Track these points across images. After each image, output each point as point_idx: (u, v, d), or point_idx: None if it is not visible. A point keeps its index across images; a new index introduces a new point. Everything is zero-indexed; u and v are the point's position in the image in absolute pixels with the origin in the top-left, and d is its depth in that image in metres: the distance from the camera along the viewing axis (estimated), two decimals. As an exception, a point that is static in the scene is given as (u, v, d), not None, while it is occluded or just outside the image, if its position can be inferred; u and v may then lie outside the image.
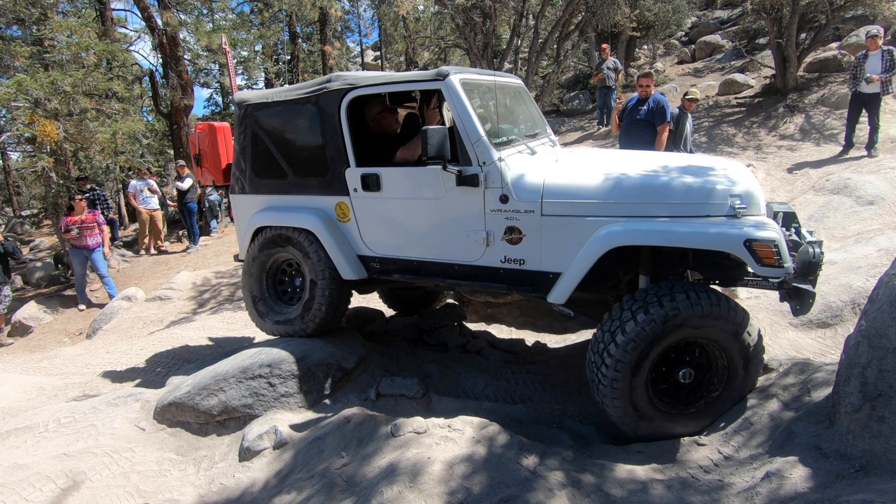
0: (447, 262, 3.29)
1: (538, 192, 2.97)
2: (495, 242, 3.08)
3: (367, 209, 3.47)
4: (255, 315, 4.02)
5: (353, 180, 3.44)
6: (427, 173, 3.21)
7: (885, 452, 1.99)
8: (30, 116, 8.44)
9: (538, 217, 2.96)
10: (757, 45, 13.91)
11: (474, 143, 3.04)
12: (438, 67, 3.19)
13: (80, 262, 8.45)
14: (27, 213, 19.11)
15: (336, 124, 3.43)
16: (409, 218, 3.35)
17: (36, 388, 4.97)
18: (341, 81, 3.42)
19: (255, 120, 3.78)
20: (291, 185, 3.73)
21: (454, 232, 3.20)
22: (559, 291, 2.90)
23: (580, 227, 2.87)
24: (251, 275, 3.97)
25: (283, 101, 3.66)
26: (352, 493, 2.60)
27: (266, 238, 3.81)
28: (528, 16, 10.69)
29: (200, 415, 3.56)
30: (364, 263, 3.59)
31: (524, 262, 3.05)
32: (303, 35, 18.84)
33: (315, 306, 3.69)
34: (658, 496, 2.27)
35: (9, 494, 2.96)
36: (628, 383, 2.66)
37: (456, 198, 3.14)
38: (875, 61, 7.46)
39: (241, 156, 3.89)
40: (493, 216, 3.06)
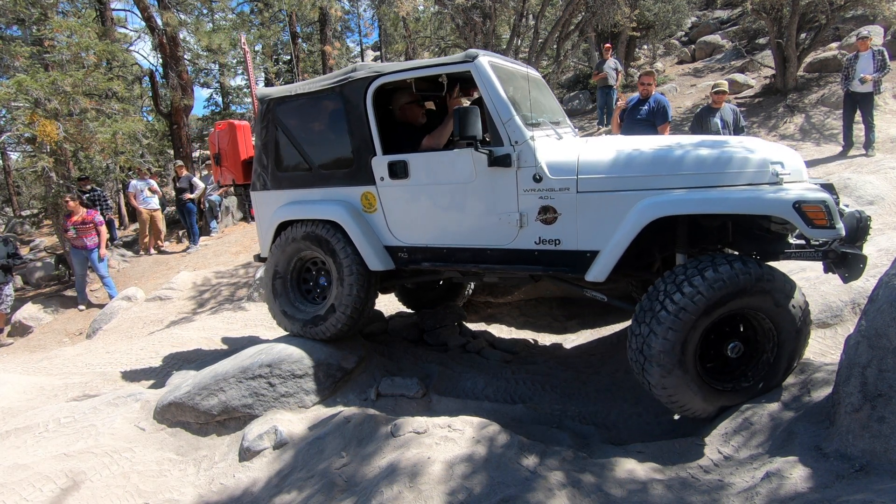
0: (479, 246, 3.24)
1: (573, 169, 2.93)
2: (529, 223, 3.04)
3: (394, 197, 3.43)
4: (278, 314, 3.94)
5: (380, 169, 3.40)
6: (456, 157, 3.18)
7: (885, 452, 1.99)
8: (30, 116, 8.43)
9: (574, 195, 2.92)
10: (757, 45, 13.90)
11: (506, 122, 3.02)
12: (467, 51, 3.19)
13: (80, 263, 8.45)
14: (27, 213, 19.11)
15: (362, 113, 3.41)
16: (439, 204, 3.31)
17: (36, 388, 4.96)
18: (367, 70, 3.41)
19: (278, 114, 3.76)
20: (315, 177, 3.69)
21: (486, 215, 3.16)
22: (599, 269, 2.85)
23: (618, 201, 2.82)
24: (275, 273, 3.90)
25: (306, 93, 3.64)
26: (352, 492, 2.60)
27: (290, 236, 3.76)
28: (528, 16, 10.69)
29: (200, 415, 3.56)
30: (391, 254, 3.53)
31: (560, 242, 3.01)
32: (303, 35, 18.84)
33: (342, 305, 3.62)
34: (658, 496, 2.27)
35: (9, 494, 2.96)
36: (677, 360, 2.58)
37: (487, 180, 3.10)
38: (866, 62, 7.54)
39: (264, 151, 3.85)
40: (526, 197, 3.02)
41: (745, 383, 2.77)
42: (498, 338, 4.84)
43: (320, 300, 3.88)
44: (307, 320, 3.77)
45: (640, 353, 2.69)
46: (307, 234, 3.69)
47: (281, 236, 3.83)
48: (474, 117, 2.88)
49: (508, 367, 4.08)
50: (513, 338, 4.90)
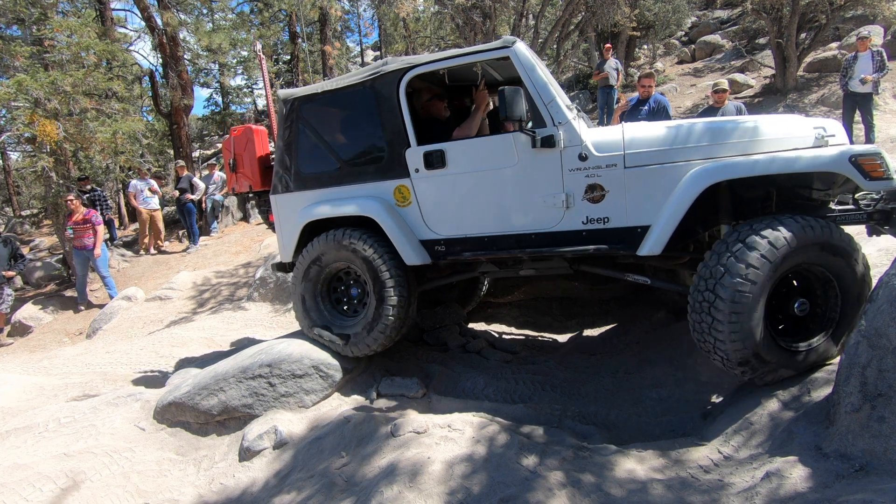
0: (523, 232, 3.19)
1: (619, 144, 2.94)
2: (575, 203, 3.03)
3: (430, 188, 3.37)
4: (308, 327, 3.76)
5: (415, 160, 3.36)
6: (497, 141, 3.18)
7: (885, 452, 1.99)
8: (30, 116, 8.43)
9: (621, 170, 2.93)
10: (757, 45, 13.90)
11: (548, 103, 3.04)
12: (504, 37, 3.20)
13: (81, 263, 8.45)
14: (27, 213, 19.10)
15: (394, 105, 3.39)
16: (479, 191, 3.25)
17: (36, 388, 4.96)
18: (399, 62, 3.40)
19: (303, 114, 3.71)
20: (344, 174, 3.62)
21: (529, 198, 3.13)
22: (654, 242, 2.83)
23: (667, 174, 2.85)
24: (305, 280, 3.71)
25: (332, 90, 3.60)
26: (352, 492, 2.60)
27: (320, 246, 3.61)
28: (528, 16, 10.68)
29: (200, 415, 3.56)
30: (426, 248, 3.44)
31: (608, 220, 3.00)
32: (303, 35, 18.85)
33: (383, 316, 3.45)
34: (658, 496, 2.27)
35: (9, 494, 2.96)
36: (748, 322, 2.56)
37: (530, 163, 3.09)
38: (865, 62, 7.57)
39: (286, 152, 3.77)
40: (571, 176, 3.02)
41: (815, 339, 2.75)
42: (498, 338, 4.84)
43: (351, 312, 3.75)
44: (343, 336, 3.62)
45: (709, 325, 2.65)
46: (338, 243, 3.53)
47: (309, 246, 3.68)
48: (520, 98, 2.88)
49: (508, 367, 4.08)
50: (513, 338, 4.90)
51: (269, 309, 7.04)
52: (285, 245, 3.89)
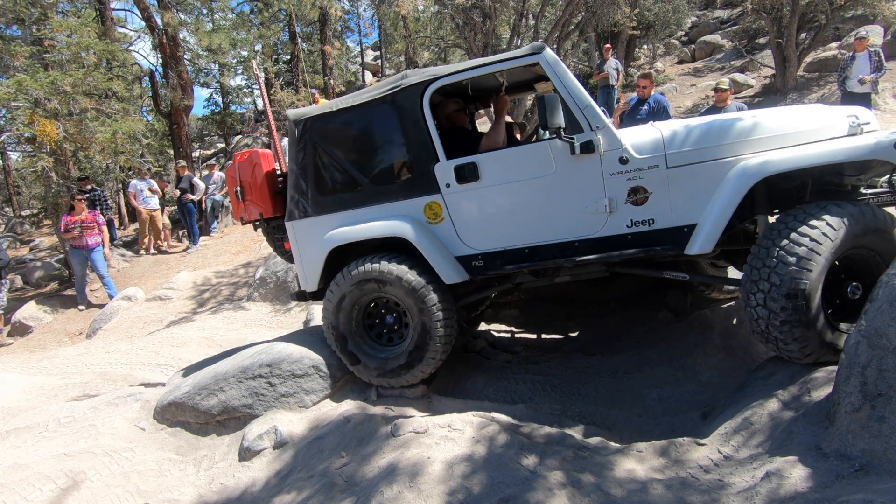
0: (565, 240, 3.12)
1: (660, 145, 2.92)
2: (618, 207, 2.99)
3: (463, 203, 3.26)
4: (347, 358, 3.57)
5: (445, 175, 3.24)
6: (532, 150, 3.12)
7: (885, 452, 1.99)
8: (30, 116, 8.43)
9: (664, 171, 2.91)
10: (757, 45, 13.90)
11: (584, 108, 2.99)
12: (532, 43, 3.15)
13: (79, 263, 8.45)
14: (27, 213, 19.11)
15: (419, 119, 3.27)
16: (516, 202, 3.17)
17: (36, 388, 4.97)
18: (420, 75, 3.29)
19: (317, 134, 3.51)
20: (368, 195, 3.43)
21: (570, 206, 3.07)
22: (704, 240, 2.82)
23: (711, 171, 2.85)
24: (339, 311, 3.48)
25: (348, 107, 3.44)
26: (352, 492, 2.60)
27: (355, 277, 3.38)
28: (528, 16, 10.68)
29: (200, 415, 3.56)
30: (463, 264, 3.31)
31: (654, 222, 2.97)
32: (303, 35, 18.84)
33: (431, 345, 3.31)
34: (658, 496, 2.27)
35: (9, 494, 2.96)
36: (808, 310, 2.56)
37: (569, 170, 3.03)
38: (863, 62, 7.58)
39: (301, 176, 3.54)
40: (613, 180, 2.98)
41: None
42: (498, 338, 4.83)
43: (387, 341, 3.58)
44: (384, 368, 3.45)
45: (766, 316, 2.66)
46: (369, 276, 3.34)
47: (338, 278, 3.46)
48: (558, 105, 2.84)
49: (508, 367, 4.08)
50: (513, 338, 4.90)
51: (269, 309, 7.04)
52: (307, 273, 3.65)
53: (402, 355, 3.40)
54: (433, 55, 21.11)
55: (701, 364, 3.52)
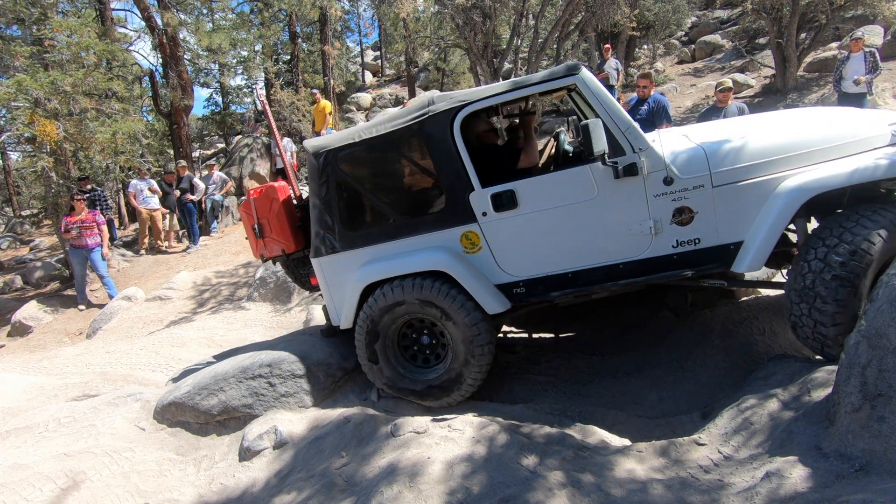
0: (609, 263, 3.07)
1: (704, 164, 2.89)
2: (664, 228, 2.96)
3: (502, 231, 3.16)
4: (403, 395, 3.46)
5: (481, 204, 3.14)
6: (572, 175, 3.05)
7: (885, 452, 1.99)
8: (30, 116, 8.43)
9: (709, 190, 2.88)
10: (757, 45, 13.91)
11: (625, 130, 2.94)
12: (566, 63, 3.07)
13: (79, 263, 8.44)
14: (27, 213, 19.11)
15: (450, 147, 3.14)
16: (557, 228, 3.10)
17: (36, 388, 4.97)
18: (448, 101, 3.16)
19: (339, 166, 3.35)
20: (399, 227, 3.31)
21: (614, 229, 3.03)
22: (753, 258, 2.81)
23: (757, 188, 2.83)
24: (371, 337, 3.38)
25: (372, 137, 3.27)
26: (352, 492, 2.60)
27: (387, 305, 3.29)
28: (528, 16, 10.69)
29: (200, 415, 3.56)
30: (504, 292, 3.24)
31: (699, 241, 2.95)
32: (303, 35, 18.83)
33: (472, 370, 3.25)
34: (658, 496, 2.27)
35: (9, 494, 2.96)
36: (854, 315, 2.56)
37: (612, 193, 2.98)
38: (857, 63, 7.63)
39: (326, 211, 3.38)
40: (657, 202, 2.94)
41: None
42: (498, 338, 4.83)
43: (423, 363, 3.48)
44: (421, 391, 3.37)
45: (812, 325, 2.68)
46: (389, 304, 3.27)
47: (371, 302, 3.35)
48: (601, 131, 2.79)
49: (508, 367, 4.08)
50: (513, 337, 4.90)
51: (269, 309, 7.04)
52: (340, 309, 3.51)
53: (440, 378, 3.31)
54: (433, 55, 21.12)
55: (701, 364, 3.52)
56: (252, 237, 3.88)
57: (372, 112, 20.89)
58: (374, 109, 21.05)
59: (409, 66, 21.10)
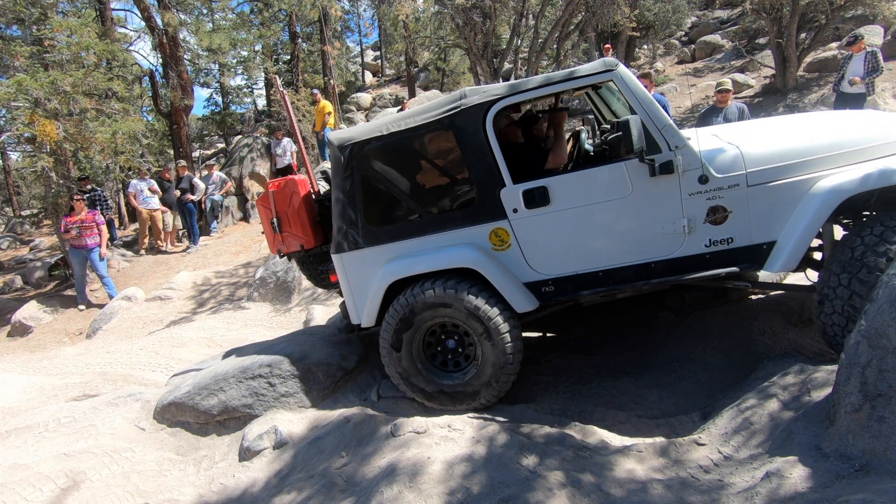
0: (641, 262, 3.05)
1: (740, 163, 2.89)
2: (697, 228, 2.96)
3: (532, 228, 3.12)
4: (410, 391, 3.38)
5: (513, 200, 3.10)
6: (606, 172, 3.02)
7: (885, 452, 1.99)
8: (30, 116, 8.43)
9: (744, 189, 2.89)
10: (757, 45, 13.91)
11: (662, 128, 2.93)
12: (602, 59, 3.04)
13: (79, 263, 8.45)
14: (27, 213, 19.12)
15: (482, 142, 3.10)
16: (589, 225, 3.07)
17: (36, 388, 4.97)
18: (481, 94, 3.10)
19: (365, 160, 3.26)
20: (426, 223, 3.24)
21: (647, 227, 3.01)
22: (788, 258, 2.81)
23: (791, 188, 2.85)
24: (396, 340, 3.28)
25: (402, 130, 3.19)
26: (351, 492, 2.60)
27: (433, 302, 3.18)
28: (528, 16, 10.69)
29: (200, 415, 3.56)
30: (532, 290, 3.19)
31: (732, 240, 2.95)
32: (303, 35, 18.83)
33: (500, 373, 3.18)
34: (658, 496, 2.27)
35: (9, 494, 2.96)
36: None
37: (646, 191, 2.97)
38: (858, 63, 7.65)
39: (349, 205, 3.29)
40: (692, 200, 2.94)
41: None
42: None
43: (452, 366, 3.38)
44: (431, 393, 3.31)
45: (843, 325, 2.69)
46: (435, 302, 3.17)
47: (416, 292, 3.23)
48: (640, 127, 2.80)
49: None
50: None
51: (269, 309, 7.04)
52: (363, 308, 3.40)
53: (454, 388, 3.26)
54: (433, 55, 21.13)
55: (701, 364, 3.52)
56: (269, 232, 3.80)
57: (372, 112, 20.89)
58: (373, 109, 21.06)
59: (409, 66, 21.12)
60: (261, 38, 14.81)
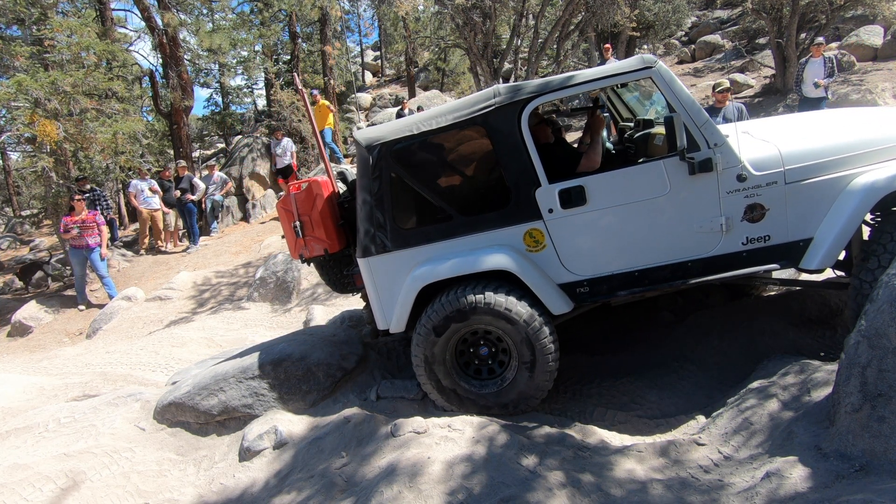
0: (677, 261, 3.03)
1: (778, 161, 2.91)
2: (734, 226, 2.96)
3: (568, 229, 3.07)
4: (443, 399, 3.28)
5: (548, 200, 3.05)
6: (645, 171, 3.01)
7: (885, 452, 1.99)
8: (30, 116, 8.43)
9: (782, 187, 2.90)
10: (757, 45, 13.91)
11: (701, 125, 2.92)
12: (640, 55, 3.04)
13: (79, 263, 8.45)
14: (27, 213, 19.12)
15: (517, 141, 3.05)
16: (627, 225, 3.04)
17: (36, 388, 4.97)
18: (514, 92, 3.05)
19: (394, 160, 3.16)
20: (458, 225, 3.15)
21: (684, 226, 3.00)
22: (826, 255, 2.83)
23: (829, 185, 2.87)
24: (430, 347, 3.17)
25: (432, 130, 3.11)
26: (351, 492, 2.60)
27: (495, 311, 3.07)
28: (528, 16, 10.70)
29: (200, 415, 3.56)
30: (567, 292, 3.14)
31: (769, 238, 2.95)
32: (303, 35, 18.83)
33: (540, 377, 3.11)
34: (658, 496, 2.27)
35: (9, 494, 2.96)
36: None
37: (684, 189, 2.96)
38: (818, 67, 8.04)
39: (377, 207, 3.17)
40: (730, 198, 2.94)
41: None
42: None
43: (486, 374, 3.29)
44: (488, 405, 3.19)
45: None
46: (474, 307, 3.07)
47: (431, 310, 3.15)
48: (682, 126, 2.83)
49: (508, 367, 4.08)
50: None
51: (269, 309, 7.04)
52: (392, 313, 3.27)
53: (507, 388, 3.16)
54: (433, 55, 21.12)
55: (701, 364, 3.52)
56: (291, 236, 3.67)
57: (372, 112, 20.89)
58: (373, 109, 21.06)
59: (409, 66, 21.11)
60: (261, 38, 14.81)
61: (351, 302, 6.28)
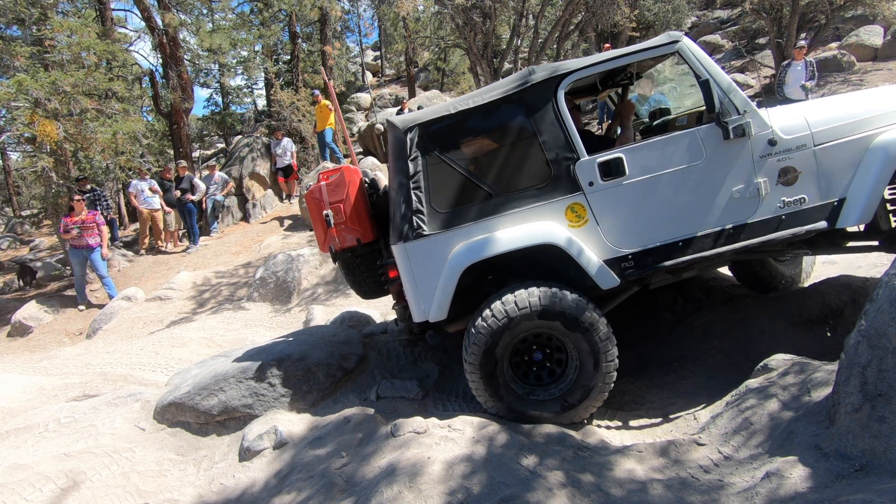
0: (718, 228, 3.09)
1: (804, 124, 3.05)
2: (770, 190, 3.06)
3: (609, 201, 3.09)
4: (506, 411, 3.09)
5: (588, 173, 3.08)
6: (680, 139, 3.09)
7: (885, 452, 1.99)
8: (30, 116, 8.43)
9: (811, 149, 3.04)
10: (757, 45, 13.91)
11: (730, 93, 3.06)
12: (667, 32, 3.15)
13: (79, 263, 8.45)
14: (27, 213, 19.12)
15: (554, 116, 3.12)
16: (665, 194, 3.09)
17: (36, 388, 4.97)
18: (551, 70, 3.13)
19: (431, 141, 3.16)
20: (497, 203, 3.13)
21: (722, 192, 3.08)
22: (862, 212, 2.96)
23: (854, 145, 3.02)
24: (486, 355, 3.02)
25: (468, 109, 3.15)
26: (351, 492, 2.60)
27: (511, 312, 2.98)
28: (528, 16, 10.70)
29: (200, 415, 3.56)
30: (612, 268, 3.11)
31: (805, 200, 3.06)
32: (303, 35, 18.82)
33: (603, 379, 3.05)
34: (657, 496, 2.27)
35: (9, 494, 2.96)
36: None
37: (720, 155, 3.06)
38: (799, 70, 8.22)
39: (415, 190, 3.14)
40: (763, 163, 3.06)
41: None
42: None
43: (546, 379, 3.18)
44: (547, 414, 3.07)
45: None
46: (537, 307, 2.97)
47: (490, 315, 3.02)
48: (718, 91, 2.97)
49: (508, 367, 4.08)
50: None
51: (269, 309, 7.04)
52: (429, 300, 3.14)
53: (570, 392, 3.07)
54: (433, 55, 21.12)
55: (701, 364, 3.52)
56: (321, 227, 3.56)
57: (372, 112, 20.89)
58: (373, 109, 21.05)
59: (409, 66, 21.11)
60: (261, 38, 14.80)
61: (351, 302, 6.28)
